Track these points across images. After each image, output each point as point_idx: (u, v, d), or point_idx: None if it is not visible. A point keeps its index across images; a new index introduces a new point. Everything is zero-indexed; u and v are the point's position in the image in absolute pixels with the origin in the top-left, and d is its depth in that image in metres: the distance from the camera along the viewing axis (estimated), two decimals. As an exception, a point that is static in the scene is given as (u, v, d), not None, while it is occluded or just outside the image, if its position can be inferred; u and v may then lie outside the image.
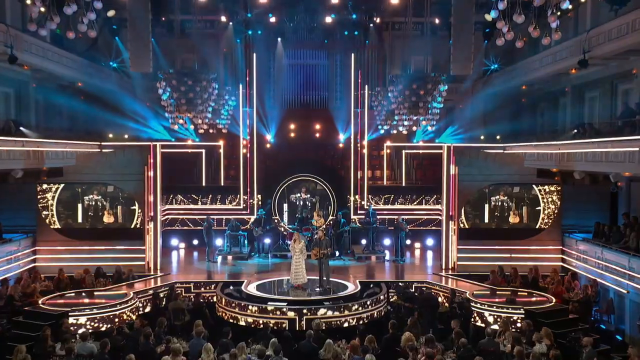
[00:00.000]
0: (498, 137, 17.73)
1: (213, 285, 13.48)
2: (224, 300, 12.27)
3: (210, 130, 18.32)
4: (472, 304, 11.76)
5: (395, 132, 18.84)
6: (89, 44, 17.80)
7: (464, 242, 15.22)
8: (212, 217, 16.92)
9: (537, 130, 19.57)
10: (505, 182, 15.46)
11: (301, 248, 12.98)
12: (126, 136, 18.26)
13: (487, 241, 15.10)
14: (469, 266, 14.84)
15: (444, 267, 15.27)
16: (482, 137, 18.88)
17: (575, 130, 14.26)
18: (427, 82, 17.44)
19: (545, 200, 15.44)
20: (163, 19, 19.18)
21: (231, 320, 11.87)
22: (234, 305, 11.96)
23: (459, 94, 20.71)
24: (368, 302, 12.07)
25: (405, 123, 18.14)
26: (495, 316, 11.40)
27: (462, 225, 15.55)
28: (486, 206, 15.55)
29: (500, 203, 15.56)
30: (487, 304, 11.65)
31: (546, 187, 15.38)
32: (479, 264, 14.69)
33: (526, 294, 12.45)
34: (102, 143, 16.02)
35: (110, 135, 17.47)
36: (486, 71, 19.71)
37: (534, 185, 15.33)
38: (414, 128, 18.43)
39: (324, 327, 10.80)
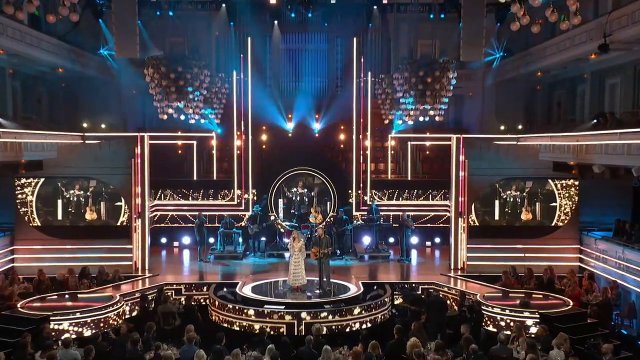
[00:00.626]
0: (503, 127, 17.60)
1: (205, 287, 13.43)
2: (217, 303, 12.25)
3: (202, 121, 18.19)
4: (483, 307, 11.74)
5: (400, 122, 18.75)
6: (70, 28, 17.63)
7: (474, 241, 15.16)
8: (204, 213, 16.89)
9: (553, 120, 19.51)
10: (518, 176, 15.41)
11: (300, 247, 12.93)
12: (111, 126, 18.14)
13: (499, 239, 15.06)
14: (479, 266, 14.79)
15: (452, 267, 15.25)
16: (493, 128, 18.83)
17: (595, 120, 14.18)
18: (435, 69, 17.33)
19: (561, 195, 15.38)
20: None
21: (225, 325, 11.85)
22: (228, 308, 11.94)
23: (469, 82, 20.57)
24: (371, 305, 12.08)
25: (412, 113, 18.06)
26: (508, 320, 11.40)
27: (472, 222, 15.51)
28: (497, 202, 15.51)
29: (513, 199, 15.47)
30: (499, 307, 11.63)
31: (563, 181, 15.32)
32: (490, 264, 14.65)
33: (541, 296, 12.44)
34: (85, 134, 15.95)
35: (94, 126, 17.36)
36: (492, 60, 19.57)
37: (549, 180, 15.28)
38: (421, 118, 18.34)
39: (324, 332, 10.81)
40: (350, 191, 18.13)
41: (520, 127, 20.31)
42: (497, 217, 15.54)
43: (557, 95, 20.12)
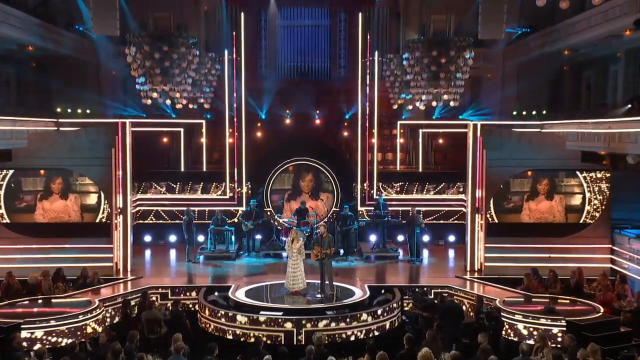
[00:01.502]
0: (534, 112, 17.54)
1: (194, 291, 13.41)
2: (207, 309, 12.22)
3: (190, 106, 18.17)
4: (503, 314, 11.67)
5: (410, 107, 18.68)
6: (41, 0, 17.50)
7: (492, 239, 15.10)
8: (192, 209, 16.82)
9: (581, 105, 19.39)
10: (542, 167, 15.34)
11: (299, 247, 12.88)
12: (89, 112, 18.05)
13: (520, 238, 15.00)
14: (498, 268, 14.74)
15: (468, 269, 15.23)
16: (514, 114, 18.75)
17: (629, 105, 14.04)
18: (450, 48, 17.28)
19: (590, 189, 15.29)
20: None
21: (216, 333, 11.82)
22: (219, 315, 11.93)
23: (488, 62, 20.46)
24: (379, 312, 12.02)
25: (423, 97, 18.03)
26: (531, 329, 11.33)
27: (490, 219, 15.49)
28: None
29: (536, 192, 15.42)
30: (521, 313, 11.56)
31: (592, 173, 15.24)
32: (511, 266, 14.61)
33: (568, 301, 12.36)
34: (60, 120, 15.84)
35: (70, 111, 17.27)
36: (516, 37, 19.45)
37: (577, 172, 15.20)
38: (434, 103, 18.34)
39: (326, 342, 10.73)
40: (354, 184, 18.12)
41: (544, 112, 20.25)
42: (520, 213, 15.45)
43: (586, 77, 20.00)
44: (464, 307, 12.79)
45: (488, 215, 15.38)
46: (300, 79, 21.30)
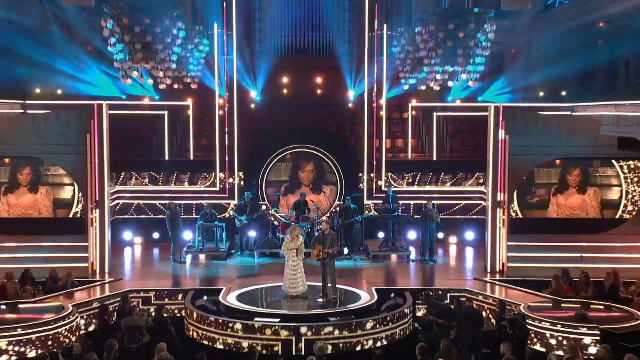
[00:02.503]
0: (564, 93, 17.41)
1: (181, 295, 13.45)
2: (195, 315, 12.19)
3: (176, 86, 18.17)
4: (528, 321, 11.63)
5: (424, 88, 18.65)
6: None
7: (516, 237, 15.16)
8: (178, 202, 16.84)
9: (618, 85, 19.23)
10: (573, 155, 15.33)
11: (299, 245, 12.82)
12: (60, 93, 17.90)
13: (548, 236, 15.23)
14: (523, 269, 14.77)
15: (489, 270, 15.23)
16: (541, 95, 18.63)
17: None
18: (469, 21, 17.13)
19: (628, 180, 15.20)
20: None
21: (205, 343, 11.82)
22: (209, 322, 11.89)
23: (512, 37, 20.25)
24: (388, 318, 12.03)
25: (438, 76, 17.96)
26: (560, 338, 11.32)
27: (513, 214, 15.46)
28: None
29: (566, 185, 15.41)
30: (549, 321, 11.55)
31: (630, 162, 15.14)
32: (537, 267, 14.68)
33: (602, 307, 12.33)
34: (27, 102, 15.74)
35: (38, 92, 17.15)
36: (544, 8, 19.32)
37: (613, 161, 15.13)
38: (450, 83, 18.24)
39: (329, 352, 10.75)
40: (361, 175, 18.09)
41: (576, 93, 20.09)
42: (547, 207, 15.41)
43: (624, 53, 19.76)
44: (484, 314, 12.77)
45: (511, 210, 15.34)
46: (300, 56, 21.15)
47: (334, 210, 17.86)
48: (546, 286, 13.51)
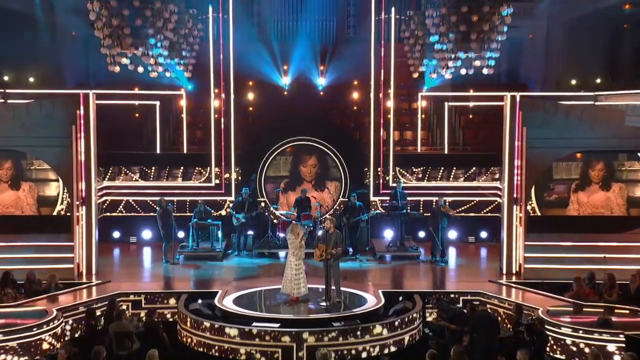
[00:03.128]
0: (586, 81, 17.30)
1: (173, 298, 13.44)
2: (189, 319, 12.18)
3: (167, 74, 18.07)
4: (547, 327, 11.56)
5: (434, 75, 18.57)
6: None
7: (534, 236, 15.06)
8: (170, 199, 16.89)
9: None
10: (596, 148, 15.31)
11: (300, 245, 12.82)
12: (44, 81, 17.85)
13: (568, 235, 15.08)
14: (541, 271, 14.73)
15: (504, 271, 15.21)
16: (562, 83, 18.54)
17: None
18: (483, 3, 17.19)
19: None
20: None
21: (200, 349, 11.80)
22: (203, 327, 11.89)
23: (530, 20, 20.19)
24: (396, 323, 12.04)
25: (450, 63, 17.89)
26: (582, 345, 11.28)
27: (531, 211, 15.39)
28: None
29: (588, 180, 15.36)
30: (570, 326, 11.52)
31: (657, 155, 15.10)
32: (557, 268, 14.60)
33: (627, 312, 12.28)
34: (7, 91, 15.72)
35: (19, 80, 17.12)
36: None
37: (639, 154, 15.00)
38: (463, 71, 18.21)
39: (333, 359, 10.63)
40: (366, 169, 18.10)
41: (599, 81, 20.17)
42: (567, 205, 15.38)
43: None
44: (499, 318, 12.73)
45: (529, 207, 15.30)
46: (301, 42, 21.10)
47: (337, 208, 17.85)
48: (566, 289, 13.46)
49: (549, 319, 11.71)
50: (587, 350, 10.97)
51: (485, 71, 18.02)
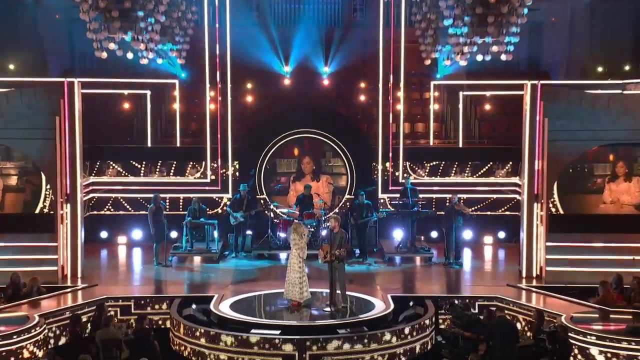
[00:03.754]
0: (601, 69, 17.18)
1: (165, 303, 13.46)
2: (182, 326, 12.19)
3: (159, 61, 18.02)
4: (571, 334, 11.56)
5: (448, 63, 18.52)
6: None
7: (556, 237, 15.04)
8: (162, 195, 16.86)
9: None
10: (624, 141, 15.23)
11: (303, 246, 12.82)
12: (24, 68, 17.81)
13: (593, 235, 14.97)
14: (564, 274, 14.73)
15: (524, 274, 15.23)
16: (586, 70, 18.43)
17: None
18: (502, -17, 16.98)
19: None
20: None
21: (194, 358, 11.82)
22: (198, 334, 11.89)
23: (552, 2, 20.21)
24: (406, 330, 12.01)
25: (466, 49, 17.78)
26: (609, 354, 11.26)
27: (553, 209, 15.37)
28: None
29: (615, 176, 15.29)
30: (596, 334, 11.51)
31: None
32: (581, 271, 14.61)
33: (658, 319, 12.28)
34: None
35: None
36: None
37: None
38: (479, 57, 18.05)
39: (338, 369, 10.77)
40: (374, 164, 18.12)
41: (627, 68, 20.11)
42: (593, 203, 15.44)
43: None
44: (518, 325, 12.74)
45: (550, 205, 15.23)
46: (303, 27, 21.04)
47: (343, 205, 17.86)
48: (592, 294, 13.45)
49: (572, 326, 11.70)
50: (614, 359, 10.97)
51: (503, 57, 17.82)
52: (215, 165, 17.83)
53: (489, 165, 18.05)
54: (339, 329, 11.80)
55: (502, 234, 18.07)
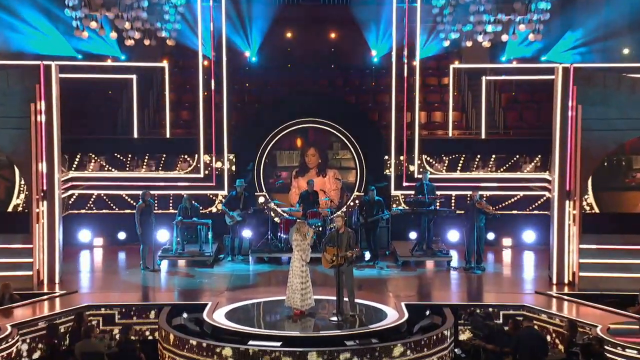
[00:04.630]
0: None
1: (153, 312, 13.47)
2: (172, 337, 12.15)
3: (147, 42, 18.02)
4: (607, 347, 11.46)
5: (469, 44, 18.38)
6: None
7: (591, 238, 14.99)
8: (150, 192, 16.73)
9: None
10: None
11: (306, 247, 12.79)
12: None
13: (632, 236, 14.92)
14: (600, 280, 14.66)
15: (555, 281, 15.20)
16: (625, 52, 18.30)
17: None
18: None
19: None
20: None
21: (184, 372, 11.90)
22: (190, 346, 11.85)
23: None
24: (422, 342, 11.96)
25: (489, 29, 17.75)
26: (650, 369, 11.24)
27: (587, 208, 15.28)
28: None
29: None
30: (636, 347, 11.40)
31: None
32: (618, 277, 14.55)
33: None
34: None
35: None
36: None
37: None
38: (504, 37, 18.04)
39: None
40: (386, 157, 18.14)
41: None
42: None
43: None
44: (548, 337, 12.72)
45: (584, 203, 15.16)
46: (307, 5, 21.07)
47: (351, 204, 17.86)
48: (631, 302, 13.44)
49: (609, 338, 11.63)
50: (656, 375, 10.97)
51: (531, 37, 17.85)
52: (209, 158, 17.83)
53: (514, 158, 18.08)
54: (346, 341, 11.73)
55: (529, 236, 18.07)
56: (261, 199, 17.91)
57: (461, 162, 18.15)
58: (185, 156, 18.07)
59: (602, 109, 14.84)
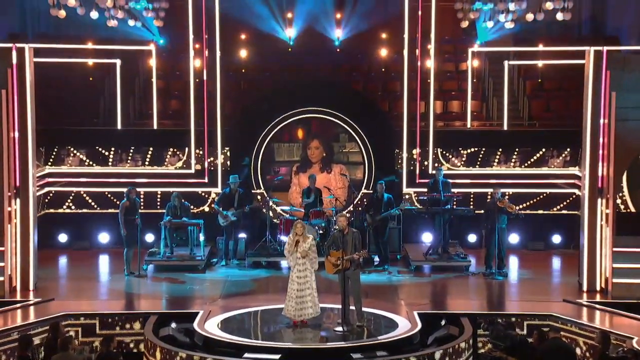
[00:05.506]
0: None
1: (138, 321, 13.51)
2: (159, 349, 12.17)
3: (131, 22, 18.00)
4: (645, 361, 11.54)
5: (490, 25, 18.42)
6: None
7: (626, 241, 14.95)
8: (136, 190, 16.79)
9: None
10: None
11: (307, 249, 12.76)
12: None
13: None
14: (635, 287, 14.66)
15: (585, 288, 15.20)
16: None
17: None
18: None
19: None
20: None
21: (172, 388, 11.92)
22: (178, 359, 11.85)
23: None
24: (437, 355, 11.96)
25: (512, 7, 17.74)
26: (693, 386, 11.16)
27: (622, 206, 15.32)
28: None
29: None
30: None
31: None
32: None
33: None
34: None
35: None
36: None
37: None
38: (529, 16, 18.06)
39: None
40: (398, 151, 18.19)
41: None
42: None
43: None
44: (578, 350, 12.70)
45: (618, 201, 15.14)
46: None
47: (359, 202, 17.87)
48: (670, 311, 13.43)
49: (647, 351, 11.66)
50: (698, 393, 10.90)
51: (560, 17, 17.81)
52: (201, 152, 17.90)
53: (541, 152, 18.09)
54: (353, 354, 11.76)
55: (557, 238, 18.12)
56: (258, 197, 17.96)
57: (481, 156, 18.19)
58: (175, 150, 18.11)
59: (639, 97, 14.83)
